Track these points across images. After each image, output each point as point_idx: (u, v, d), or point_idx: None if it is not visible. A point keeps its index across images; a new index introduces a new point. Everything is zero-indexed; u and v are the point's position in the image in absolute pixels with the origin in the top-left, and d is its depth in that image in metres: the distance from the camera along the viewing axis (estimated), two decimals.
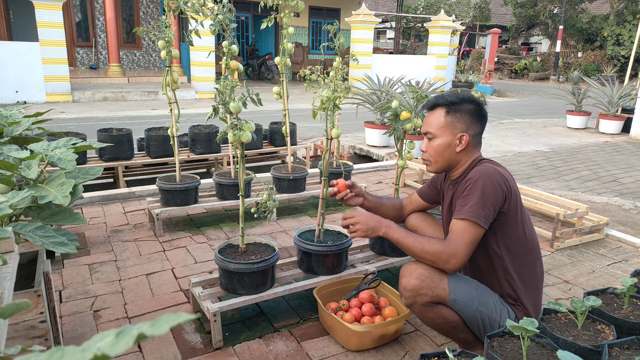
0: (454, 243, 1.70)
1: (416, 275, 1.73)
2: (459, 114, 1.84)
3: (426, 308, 1.75)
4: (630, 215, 3.97)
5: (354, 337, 1.97)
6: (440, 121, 1.85)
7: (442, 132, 1.85)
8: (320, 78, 2.39)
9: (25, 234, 1.83)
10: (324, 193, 2.37)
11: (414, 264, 1.78)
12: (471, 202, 1.71)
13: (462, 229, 1.70)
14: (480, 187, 1.71)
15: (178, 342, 2.04)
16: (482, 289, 1.80)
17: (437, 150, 1.86)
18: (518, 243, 1.80)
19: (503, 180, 1.75)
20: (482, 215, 1.68)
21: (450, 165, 1.89)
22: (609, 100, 8.16)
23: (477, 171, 1.77)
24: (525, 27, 26.18)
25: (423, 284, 1.71)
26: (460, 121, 1.84)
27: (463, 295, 1.74)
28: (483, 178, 1.72)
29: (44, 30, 9.43)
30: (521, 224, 1.80)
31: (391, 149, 5.94)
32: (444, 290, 1.72)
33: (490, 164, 1.83)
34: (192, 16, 2.90)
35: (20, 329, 1.46)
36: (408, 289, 1.74)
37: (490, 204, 1.70)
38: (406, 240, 1.77)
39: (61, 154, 2.49)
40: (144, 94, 10.98)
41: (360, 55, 12.81)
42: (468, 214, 1.69)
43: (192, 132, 4.68)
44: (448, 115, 1.84)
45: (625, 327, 1.62)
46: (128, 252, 2.90)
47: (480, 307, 1.75)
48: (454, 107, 1.84)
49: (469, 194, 1.73)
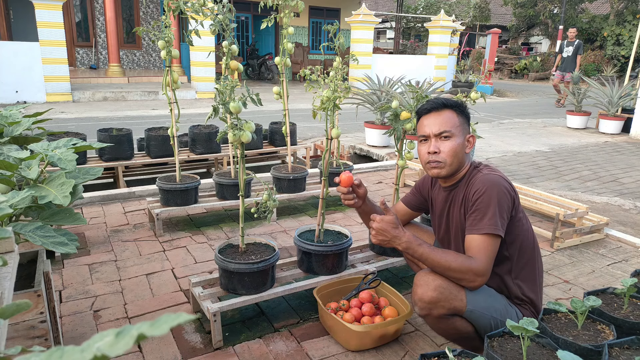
0: (480, 261, 1.66)
1: (434, 286, 1.67)
2: (464, 117, 1.86)
3: (441, 320, 1.72)
4: (630, 215, 3.97)
5: (354, 337, 1.97)
6: (455, 121, 1.83)
7: (459, 131, 1.83)
8: (320, 78, 2.39)
9: (25, 234, 1.83)
10: (324, 193, 2.37)
11: (430, 275, 1.72)
12: (488, 215, 1.68)
13: (484, 244, 1.67)
14: (494, 198, 1.69)
15: (178, 342, 2.04)
16: (493, 295, 1.79)
17: (455, 149, 1.81)
18: (523, 242, 1.81)
19: (509, 185, 1.76)
20: (500, 225, 1.68)
21: (459, 168, 1.85)
22: (609, 100, 8.16)
23: (482, 182, 1.74)
24: (525, 27, 26.17)
25: (441, 296, 1.67)
26: (465, 123, 1.87)
27: (480, 305, 1.72)
28: (492, 188, 1.71)
29: (44, 30, 9.43)
30: (522, 222, 1.81)
31: (391, 149, 5.94)
32: (461, 302, 1.69)
33: (488, 170, 1.82)
34: (192, 16, 2.90)
35: (20, 329, 1.46)
36: (425, 301, 1.68)
37: (504, 212, 1.70)
38: (431, 256, 1.70)
39: (61, 154, 2.49)
40: (144, 94, 10.98)
41: (360, 55, 12.80)
42: (488, 227, 1.67)
43: (192, 132, 4.68)
44: (459, 116, 1.85)
45: (625, 327, 1.62)
46: (128, 252, 2.90)
47: (494, 314, 1.74)
48: (461, 109, 1.87)
49: (483, 207, 1.70)
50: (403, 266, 2.77)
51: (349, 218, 3.64)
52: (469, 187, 1.79)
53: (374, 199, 4.07)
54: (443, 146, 1.81)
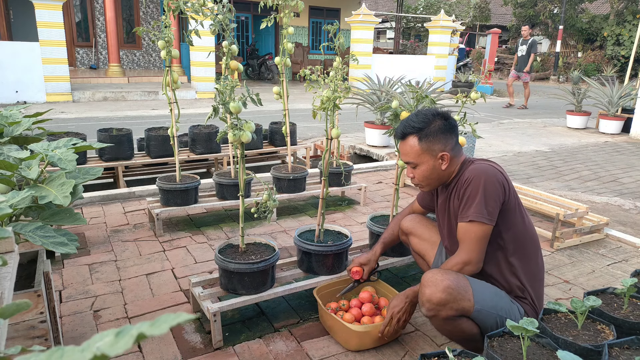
0: (466, 248, 1.73)
1: (443, 287, 1.66)
2: (431, 137, 1.84)
3: (447, 322, 1.71)
4: (630, 215, 3.97)
5: (354, 337, 1.97)
6: (416, 149, 1.85)
7: (423, 159, 1.86)
8: (320, 78, 2.39)
9: (25, 234, 1.83)
10: (324, 193, 2.37)
11: (439, 274, 1.71)
12: (474, 203, 1.72)
13: (470, 231, 1.72)
14: (480, 186, 1.73)
15: (178, 342, 2.04)
16: (497, 293, 1.79)
17: (424, 174, 1.89)
18: (519, 233, 1.82)
19: (499, 173, 1.77)
20: (486, 213, 1.70)
21: (443, 180, 1.92)
22: (609, 100, 8.16)
23: (471, 171, 1.79)
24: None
25: (450, 297, 1.66)
26: (434, 142, 1.84)
27: (487, 304, 1.72)
28: (479, 176, 1.74)
29: (44, 30, 9.43)
30: (520, 214, 1.82)
31: (391, 149, 5.94)
32: (469, 302, 1.69)
33: (480, 161, 1.85)
34: (192, 16, 2.90)
35: (20, 329, 1.46)
36: (433, 302, 1.67)
37: (492, 200, 1.72)
38: None
39: (61, 154, 2.49)
40: (144, 94, 10.98)
41: (360, 55, 12.80)
42: (473, 214, 1.71)
43: (192, 132, 4.68)
44: (421, 141, 1.84)
45: (625, 327, 1.62)
46: (128, 252, 2.90)
47: (500, 312, 1.75)
48: (424, 131, 1.84)
49: (470, 195, 1.74)
50: (403, 266, 2.77)
51: (349, 218, 3.64)
52: (461, 179, 1.83)
53: (374, 199, 4.07)
54: (415, 173, 1.92)
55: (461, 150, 1.93)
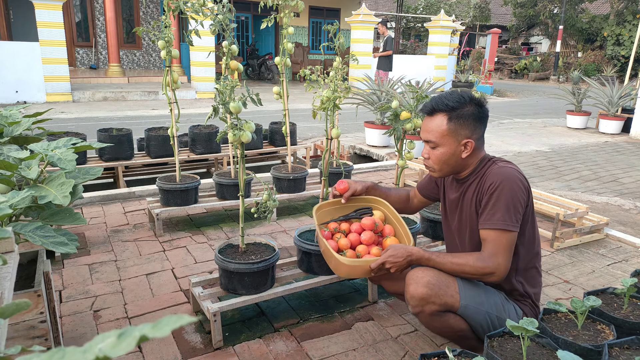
0: (493, 256, 1.66)
1: (423, 283, 1.67)
2: (462, 120, 1.73)
3: (433, 317, 1.71)
4: (630, 215, 3.97)
5: (343, 267, 1.84)
6: (442, 129, 1.74)
7: (446, 141, 1.75)
8: (320, 78, 2.39)
9: (25, 234, 1.83)
10: (324, 193, 2.37)
11: (420, 271, 1.71)
12: (501, 210, 1.66)
13: (498, 239, 1.66)
14: (507, 192, 1.67)
15: (178, 342, 2.04)
16: (488, 290, 1.79)
17: (442, 158, 1.78)
18: (529, 238, 1.80)
19: (523, 178, 1.73)
20: (513, 220, 1.66)
21: (456, 170, 1.84)
22: (609, 100, 8.16)
23: (497, 175, 1.71)
24: (525, 27, 26.17)
25: (431, 292, 1.66)
26: (463, 127, 1.73)
27: (474, 300, 1.71)
28: (506, 182, 1.68)
29: (44, 30, 9.43)
30: (531, 219, 1.79)
31: (391, 149, 5.94)
32: (452, 297, 1.69)
33: (503, 163, 1.78)
34: (192, 16, 2.90)
35: (20, 329, 1.46)
36: (416, 298, 1.68)
37: (518, 206, 1.68)
38: (442, 262, 1.72)
39: (61, 154, 2.49)
40: (144, 94, 10.98)
41: (360, 55, 12.80)
42: (501, 223, 1.66)
43: (192, 132, 4.68)
44: (450, 122, 1.73)
45: (625, 327, 1.62)
46: (128, 252, 2.90)
47: (489, 309, 1.73)
48: (456, 112, 1.73)
49: (496, 201, 1.68)
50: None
51: None
52: (483, 179, 1.76)
53: None
54: (431, 153, 1.81)
55: (484, 145, 1.84)
